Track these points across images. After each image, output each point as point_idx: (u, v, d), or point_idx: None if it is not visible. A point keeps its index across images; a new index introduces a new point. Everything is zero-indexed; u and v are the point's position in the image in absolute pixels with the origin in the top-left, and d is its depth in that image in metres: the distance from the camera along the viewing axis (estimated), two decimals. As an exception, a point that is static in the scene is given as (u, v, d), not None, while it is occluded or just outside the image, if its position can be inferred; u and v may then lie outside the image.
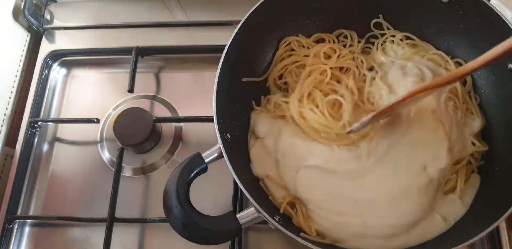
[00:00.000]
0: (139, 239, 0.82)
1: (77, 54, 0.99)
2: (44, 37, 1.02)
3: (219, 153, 0.67)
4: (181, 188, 0.63)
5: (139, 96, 0.94)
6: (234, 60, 0.73)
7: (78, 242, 0.83)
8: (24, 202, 0.87)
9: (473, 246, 0.76)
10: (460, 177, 0.72)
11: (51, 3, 1.05)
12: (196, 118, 0.87)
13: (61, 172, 0.90)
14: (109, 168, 0.88)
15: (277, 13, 0.78)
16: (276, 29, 0.81)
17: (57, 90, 0.98)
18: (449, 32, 0.78)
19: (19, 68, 0.99)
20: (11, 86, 0.97)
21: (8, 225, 0.84)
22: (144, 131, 0.85)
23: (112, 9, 1.03)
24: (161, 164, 0.87)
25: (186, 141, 0.89)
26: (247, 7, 0.74)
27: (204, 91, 0.89)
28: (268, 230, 0.77)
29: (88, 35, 1.01)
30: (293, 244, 0.71)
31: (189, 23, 1.00)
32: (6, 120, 0.94)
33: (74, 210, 0.85)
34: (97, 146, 0.90)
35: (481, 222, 0.64)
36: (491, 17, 0.70)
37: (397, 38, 0.82)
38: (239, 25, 0.73)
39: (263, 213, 0.62)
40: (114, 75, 0.98)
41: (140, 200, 0.85)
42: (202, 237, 0.63)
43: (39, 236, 0.85)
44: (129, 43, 0.96)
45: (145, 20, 1.00)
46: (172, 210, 0.62)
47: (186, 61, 0.96)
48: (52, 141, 0.93)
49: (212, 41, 0.93)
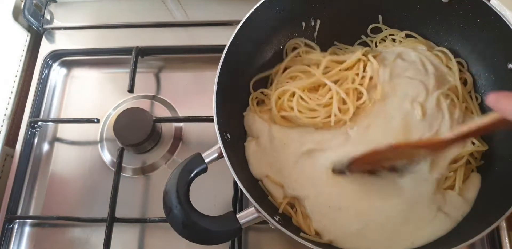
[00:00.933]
0: (139, 239, 0.82)
1: (77, 54, 0.99)
2: (44, 37, 1.02)
3: (219, 153, 0.67)
4: (181, 188, 0.63)
5: (139, 96, 0.94)
6: (234, 60, 0.73)
7: (78, 242, 0.83)
8: (24, 202, 0.87)
9: (473, 246, 0.75)
10: (459, 175, 0.71)
11: (51, 3, 1.05)
12: (196, 118, 0.87)
13: (61, 172, 0.90)
14: (109, 168, 0.88)
15: (277, 13, 0.78)
16: (276, 29, 0.81)
17: (57, 90, 0.98)
18: (449, 32, 0.78)
19: (19, 68, 0.99)
20: (11, 86, 0.97)
21: (8, 225, 0.84)
22: (144, 131, 0.85)
23: (112, 9, 1.03)
24: (161, 164, 0.87)
25: (186, 141, 0.89)
26: (247, 7, 0.74)
27: (204, 91, 0.89)
28: (268, 230, 0.77)
29: (88, 35, 1.01)
30: (293, 244, 0.71)
31: (189, 23, 1.00)
32: (6, 120, 0.94)
33: (74, 210, 0.85)
34: (97, 146, 0.90)
35: (481, 222, 0.64)
36: (491, 17, 0.70)
37: (399, 36, 0.82)
38: (239, 25, 0.73)
39: (263, 213, 0.62)
40: (114, 75, 0.98)
41: (140, 200, 0.85)
42: (202, 237, 0.63)
43: (39, 236, 0.85)
44: (129, 43, 0.96)
45: (145, 20, 1.00)
46: (172, 210, 0.62)
47: (186, 61, 0.96)
48: (52, 141, 0.93)
49: (212, 41, 0.93)
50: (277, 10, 0.78)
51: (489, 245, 0.75)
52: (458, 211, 0.69)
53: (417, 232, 0.68)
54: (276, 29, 0.81)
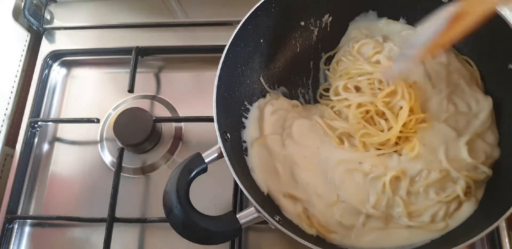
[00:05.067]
0: (139, 239, 0.82)
1: (77, 54, 0.99)
2: (44, 37, 1.02)
3: (219, 153, 0.67)
4: (181, 188, 0.63)
5: (139, 96, 0.94)
6: (234, 60, 0.73)
7: (78, 242, 0.83)
8: (24, 202, 0.87)
9: (473, 246, 0.75)
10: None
11: (51, 3, 1.05)
12: (196, 118, 0.87)
13: (61, 172, 0.90)
14: (109, 168, 0.88)
15: (277, 13, 0.78)
16: (276, 29, 0.81)
17: (57, 90, 0.98)
18: (449, 32, 0.78)
19: (19, 68, 0.99)
20: (11, 86, 0.97)
21: (8, 225, 0.84)
22: (144, 131, 0.85)
23: (112, 9, 1.03)
24: (161, 164, 0.87)
25: (186, 141, 0.89)
26: (247, 7, 0.74)
27: (204, 91, 0.89)
28: (268, 230, 0.77)
29: (88, 35, 1.01)
30: (293, 244, 0.71)
31: (189, 23, 1.00)
32: (6, 120, 0.94)
33: (74, 210, 0.85)
34: (97, 146, 0.90)
35: (481, 222, 0.64)
36: (491, 17, 0.69)
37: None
38: (239, 25, 0.73)
39: (263, 213, 0.62)
40: (114, 75, 0.98)
41: (140, 200, 0.85)
42: (202, 237, 0.63)
43: (39, 236, 0.85)
44: (129, 43, 0.96)
45: (145, 20, 1.00)
46: (172, 210, 0.62)
47: (186, 61, 0.96)
48: (52, 141, 0.93)
49: (212, 41, 0.93)
50: (277, 10, 0.77)
51: (489, 245, 0.75)
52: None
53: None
54: (276, 29, 0.81)
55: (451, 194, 0.69)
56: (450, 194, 0.69)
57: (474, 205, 0.69)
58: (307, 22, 0.83)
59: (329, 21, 0.84)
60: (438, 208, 0.69)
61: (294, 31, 0.83)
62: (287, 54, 0.84)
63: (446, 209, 0.69)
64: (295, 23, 0.82)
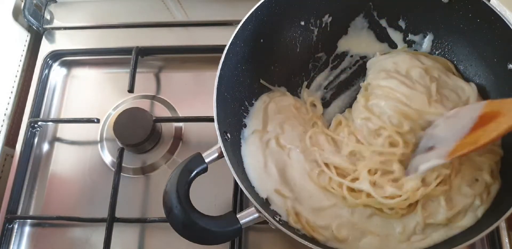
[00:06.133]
0: (139, 239, 0.82)
1: (77, 54, 0.99)
2: (44, 37, 1.02)
3: (219, 153, 0.67)
4: (181, 188, 0.63)
5: (139, 96, 0.94)
6: (234, 60, 0.73)
7: (78, 242, 0.83)
8: (24, 202, 0.87)
9: (473, 246, 0.75)
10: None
11: (51, 3, 1.05)
12: (196, 118, 0.87)
13: (61, 172, 0.90)
14: (109, 168, 0.88)
15: (277, 13, 0.78)
16: (276, 29, 0.81)
17: (57, 90, 0.98)
18: (449, 32, 0.78)
19: (19, 68, 0.99)
20: (11, 86, 0.97)
21: (8, 225, 0.84)
22: (144, 131, 0.85)
23: (112, 9, 1.03)
24: (161, 164, 0.87)
25: (186, 141, 0.89)
26: (247, 7, 0.74)
27: (204, 91, 0.89)
28: (268, 230, 0.77)
29: (88, 35, 1.01)
30: (293, 244, 0.72)
31: (189, 23, 1.00)
32: (6, 120, 0.94)
33: (74, 210, 0.85)
34: (97, 146, 0.90)
35: (481, 222, 0.64)
36: (491, 17, 0.70)
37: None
38: (239, 25, 0.73)
39: (263, 213, 0.62)
40: (114, 75, 0.98)
41: (140, 200, 0.85)
42: (202, 237, 0.63)
43: (39, 236, 0.85)
44: (129, 43, 0.96)
45: (145, 20, 1.00)
46: (172, 210, 0.62)
47: (186, 61, 0.96)
48: (52, 141, 0.93)
49: (212, 41, 0.93)
50: (277, 10, 0.78)
51: (489, 245, 0.75)
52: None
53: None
54: (276, 29, 0.81)
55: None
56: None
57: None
58: (307, 22, 0.83)
59: (329, 21, 0.84)
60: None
61: (294, 31, 0.83)
62: (287, 54, 0.84)
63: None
64: (295, 23, 0.82)
